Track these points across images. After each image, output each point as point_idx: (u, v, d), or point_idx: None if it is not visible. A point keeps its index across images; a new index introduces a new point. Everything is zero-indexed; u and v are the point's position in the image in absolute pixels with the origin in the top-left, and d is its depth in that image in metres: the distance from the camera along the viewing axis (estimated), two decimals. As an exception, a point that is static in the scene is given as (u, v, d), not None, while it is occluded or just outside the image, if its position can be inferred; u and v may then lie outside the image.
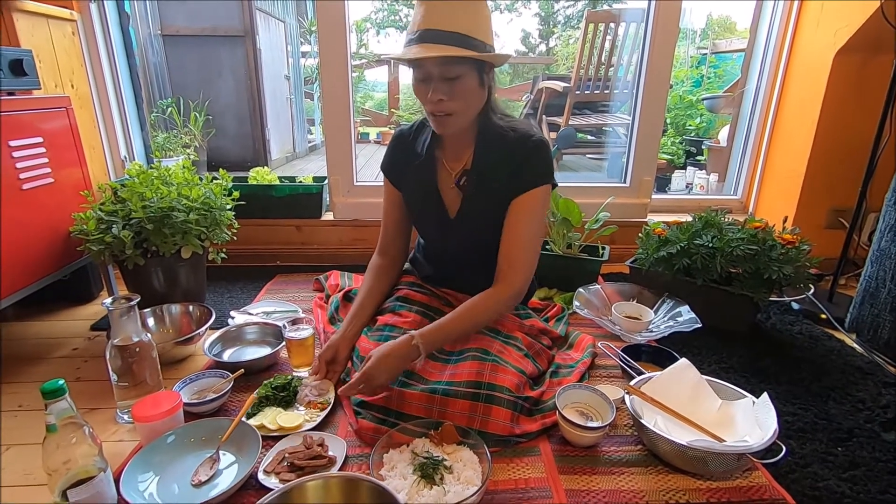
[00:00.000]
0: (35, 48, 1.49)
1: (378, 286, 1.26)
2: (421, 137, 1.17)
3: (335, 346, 1.14)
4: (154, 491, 0.84)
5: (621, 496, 0.85)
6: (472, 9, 0.95)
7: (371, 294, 1.24)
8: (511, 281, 1.07)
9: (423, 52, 0.92)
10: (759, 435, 0.89)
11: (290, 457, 0.90)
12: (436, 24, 0.93)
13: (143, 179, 1.39)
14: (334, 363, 1.13)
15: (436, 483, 0.81)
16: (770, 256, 1.34)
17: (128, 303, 1.00)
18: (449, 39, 0.92)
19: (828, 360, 1.30)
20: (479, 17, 0.95)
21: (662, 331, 1.34)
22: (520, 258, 1.08)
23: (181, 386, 1.10)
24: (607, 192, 1.94)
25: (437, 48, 0.92)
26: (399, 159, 1.20)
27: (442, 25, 0.93)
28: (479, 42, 0.95)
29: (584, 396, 1.04)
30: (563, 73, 4.87)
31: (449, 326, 1.04)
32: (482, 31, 0.96)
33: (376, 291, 1.25)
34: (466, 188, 1.11)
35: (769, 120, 1.99)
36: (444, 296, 1.23)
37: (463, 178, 1.12)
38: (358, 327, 1.18)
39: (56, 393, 0.72)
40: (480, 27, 0.96)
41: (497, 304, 1.07)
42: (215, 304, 1.56)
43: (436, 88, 0.96)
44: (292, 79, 4.55)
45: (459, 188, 1.12)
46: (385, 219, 1.27)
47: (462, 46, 0.93)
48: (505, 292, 1.08)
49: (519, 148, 1.07)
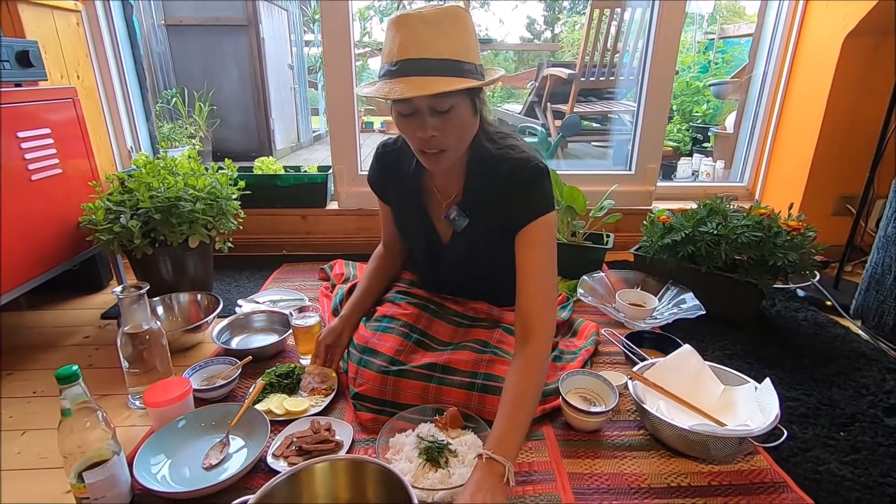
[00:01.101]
0: (40, 39, 1.50)
1: (382, 273, 1.26)
2: (405, 156, 1.07)
3: (337, 331, 1.15)
4: (166, 474, 0.87)
5: (624, 479, 0.87)
6: (458, 29, 0.81)
7: (374, 280, 1.24)
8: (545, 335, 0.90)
9: (413, 91, 0.78)
10: (761, 419, 0.90)
11: (298, 441, 0.92)
12: (421, 51, 0.80)
13: (150, 170, 1.41)
14: (335, 347, 1.14)
15: (441, 466, 0.83)
16: (775, 243, 1.33)
17: (137, 291, 1.02)
18: (439, 69, 0.80)
19: (832, 347, 1.30)
20: (466, 37, 0.83)
21: (666, 318, 1.34)
22: (541, 312, 0.91)
23: (191, 373, 1.12)
24: (612, 180, 1.93)
25: (427, 82, 0.79)
26: (385, 175, 1.13)
27: (429, 53, 0.80)
28: (471, 65, 0.83)
29: (587, 382, 1.05)
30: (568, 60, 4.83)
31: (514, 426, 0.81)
32: (472, 53, 0.84)
33: (380, 277, 1.25)
34: (456, 222, 1.03)
35: (776, 106, 1.97)
36: (447, 295, 1.23)
37: (453, 212, 1.03)
38: (361, 313, 1.19)
39: (70, 378, 0.73)
40: (469, 48, 0.83)
41: (538, 374, 0.87)
42: (222, 292, 1.58)
43: (426, 124, 0.84)
44: (296, 68, 4.53)
45: (450, 222, 1.05)
46: (383, 222, 1.24)
47: (454, 75, 0.80)
48: (543, 350, 0.90)
49: (512, 180, 0.94)
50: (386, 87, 0.81)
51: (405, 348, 1.05)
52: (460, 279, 1.19)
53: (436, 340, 1.10)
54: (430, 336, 1.11)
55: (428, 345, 1.09)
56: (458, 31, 0.82)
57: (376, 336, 1.08)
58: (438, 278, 1.21)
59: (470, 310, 1.20)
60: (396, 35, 0.82)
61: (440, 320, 1.15)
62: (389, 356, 1.02)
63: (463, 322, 1.17)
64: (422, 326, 1.11)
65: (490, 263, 1.10)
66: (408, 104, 0.84)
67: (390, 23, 0.84)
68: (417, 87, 0.79)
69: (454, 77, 0.81)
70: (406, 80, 0.80)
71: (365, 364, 1.03)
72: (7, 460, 0.94)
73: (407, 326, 1.10)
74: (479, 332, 1.12)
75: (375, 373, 1.00)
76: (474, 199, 1.01)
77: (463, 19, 0.84)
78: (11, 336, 1.37)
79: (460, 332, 1.14)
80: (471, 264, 1.12)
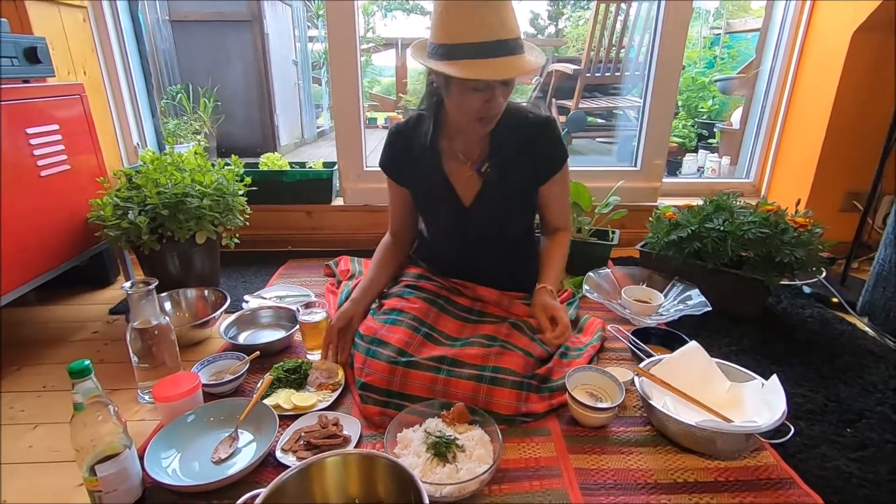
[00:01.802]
0: (47, 35, 1.50)
1: (389, 261, 1.28)
2: (421, 130, 1.15)
3: (349, 315, 1.17)
4: (177, 467, 0.88)
5: (630, 475, 0.87)
6: (512, 7, 0.92)
7: (383, 267, 1.26)
8: (569, 229, 1.26)
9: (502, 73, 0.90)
10: (767, 416, 0.90)
11: (306, 435, 0.93)
12: (494, 34, 0.89)
13: (157, 166, 1.41)
14: (346, 331, 1.16)
15: (448, 461, 0.83)
16: (782, 240, 1.33)
17: (146, 287, 1.02)
18: (511, 49, 0.91)
19: (839, 344, 1.30)
20: (515, 13, 0.93)
21: (672, 314, 1.34)
22: (565, 219, 1.24)
23: (199, 367, 1.13)
24: (618, 176, 1.93)
25: (512, 63, 0.90)
26: (400, 155, 1.19)
27: (502, 34, 0.89)
28: (523, 40, 0.94)
29: (593, 378, 1.05)
30: (572, 56, 4.80)
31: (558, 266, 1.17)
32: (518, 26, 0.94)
33: (387, 266, 1.27)
34: (490, 174, 1.12)
35: (783, 101, 1.96)
36: (455, 285, 1.24)
37: (485, 164, 1.12)
38: (370, 299, 1.21)
39: (83, 373, 0.74)
40: (519, 23, 0.94)
41: (565, 244, 1.22)
42: (229, 288, 1.59)
43: (495, 96, 0.95)
44: (300, 64, 4.53)
45: (481, 175, 1.13)
46: (392, 210, 1.29)
47: (522, 53, 0.92)
48: (569, 236, 1.25)
49: (536, 132, 1.10)
50: (479, 68, 0.90)
51: (414, 341, 1.06)
52: (481, 244, 1.21)
53: (444, 335, 1.11)
54: (438, 331, 1.11)
55: (436, 339, 1.10)
56: (513, 10, 0.92)
57: (385, 328, 1.08)
58: (459, 249, 1.23)
59: (477, 303, 1.21)
60: (464, 14, 0.89)
61: (448, 315, 1.16)
62: (398, 347, 1.03)
63: (470, 318, 1.18)
64: (430, 321, 1.12)
65: (510, 222, 1.19)
66: (480, 80, 0.92)
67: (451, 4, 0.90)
68: (511, 68, 0.90)
69: (526, 56, 0.92)
70: (492, 62, 0.89)
71: (373, 354, 1.03)
72: (19, 454, 0.96)
73: (416, 320, 1.10)
74: (486, 327, 1.13)
75: (384, 363, 1.01)
76: (503, 153, 1.11)
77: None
78: (21, 331, 1.39)
79: (468, 327, 1.15)
80: (492, 223, 1.18)
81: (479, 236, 1.20)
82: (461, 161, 1.14)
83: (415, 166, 1.17)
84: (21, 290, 1.23)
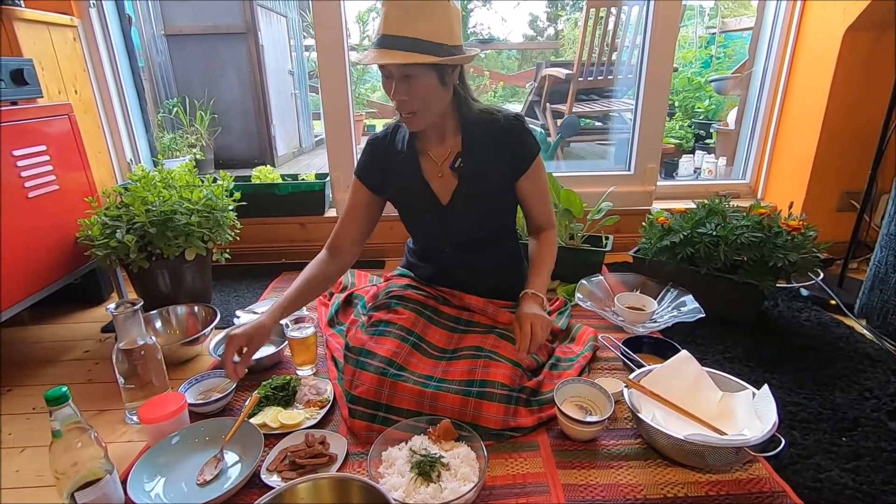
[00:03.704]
0: (37, 56, 1.52)
1: (318, 283, 1.18)
2: (399, 136, 1.18)
3: (248, 336, 1.03)
4: (160, 491, 0.87)
5: (619, 490, 0.86)
6: (429, 13, 0.96)
7: (307, 289, 1.15)
8: (554, 226, 1.25)
9: (378, 59, 0.96)
10: (758, 427, 0.88)
11: (291, 455, 0.92)
12: (392, 30, 0.96)
13: (146, 183, 1.41)
14: (246, 355, 1.04)
15: (432, 480, 0.82)
16: (775, 244, 1.31)
17: (131, 307, 1.02)
18: (402, 45, 0.95)
19: (835, 348, 1.28)
20: (436, 19, 0.96)
21: (666, 321, 1.32)
22: (548, 217, 1.23)
23: (187, 386, 1.12)
24: (611, 181, 1.92)
25: (389, 54, 0.95)
26: (377, 162, 1.19)
27: (397, 31, 0.95)
28: (436, 45, 0.96)
29: (582, 390, 1.04)
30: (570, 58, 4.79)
31: (544, 267, 1.17)
32: (441, 34, 0.96)
33: (313, 288, 1.17)
34: (463, 169, 1.13)
35: (777, 101, 1.95)
36: (442, 294, 1.23)
37: (458, 160, 1.13)
38: (278, 318, 1.09)
39: (59, 400, 0.74)
40: (439, 31, 0.96)
41: (552, 243, 1.22)
42: (222, 303, 1.59)
43: (396, 88, 1.00)
44: (296, 74, 4.54)
45: (454, 171, 1.14)
46: (343, 221, 1.21)
47: (414, 51, 0.95)
48: (554, 233, 1.24)
49: (506, 129, 1.12)
50: (368, 56, 0.99)
51: (402, 351, 1.06)
52: (462, 243, 1.20)
53: (432, 346, 1.11)
54: (426, 341, 1.11)
55: (424, 349, 1.09)
56: (429, 15, 0.96)
57: (373, 339, 1.08)
58: (443, 253, 1.23)
59: (465, 312, 1.20)
60: (382, 12, 0.98)
61: (435, 326, 1.16)
62: (387, 358, 1.03)
63: (458, 327, 1.17)
64: (418, 331, 1.12)
65: (488, 218, 1.19)
66: (384, 68, 1.00)
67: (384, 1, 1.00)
68: (380, 58, 0.96)
69: (415, 53, 0.95)
70: (378, 52, 0.97)
71: (362, 366, 1.03)
72: (6, 479, 0.95)
73: (404, 330, 1.10)
74: (473, 337, 1.12)
75: (373, 374, 1.01)
76: (474, 148, 1.13)
77: (438, 6, 0.97)
78: (14, 351, 1.39)
79: (455, 337, 1.15)
80: (470, 220, 1.17)
81: (460, 238, 1.19)
82: (434, 161, 1.15)
83: (395, 174, 1.17)
84: (12, 311, 1.23)
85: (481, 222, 1.18)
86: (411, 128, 1.09)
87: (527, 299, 1.10)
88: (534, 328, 1.03)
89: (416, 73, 0.97)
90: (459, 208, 1.15)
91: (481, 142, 1.12)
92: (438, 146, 1.15)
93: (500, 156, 1.13)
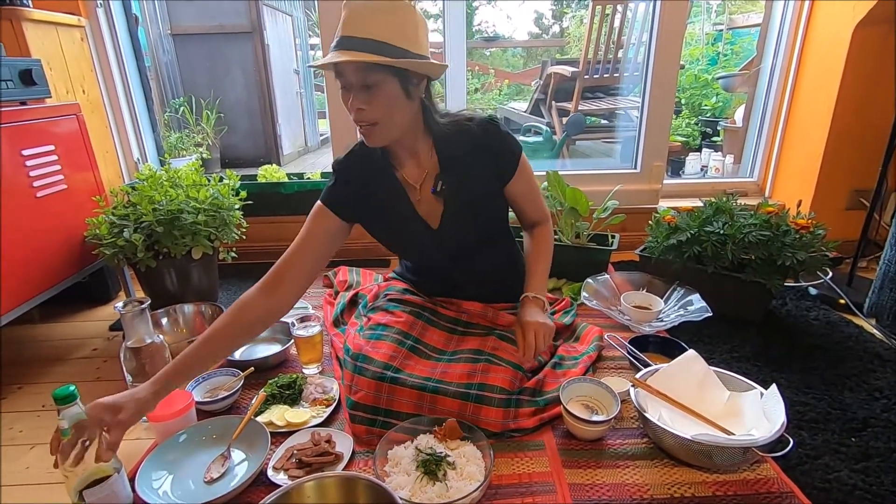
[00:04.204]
0: (45, 56, 1.53)
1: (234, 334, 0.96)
2: (372, 160, 1.08)
3: (118, 407, 0.79)
4: (168, 489, 0.87)
5: (625, 490, 0.85)
6: (392, 16, 0.90)
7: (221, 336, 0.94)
8: (548, 219, 1.21)
9: (335, 58, 0.88)
10: (766, 427, 0.88)
11: (298, 453, 0.92)
12: (352, 31, 0.89)
13: (153, 183, 1.42)
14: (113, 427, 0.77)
15: (438, 479, 0.82)
16: (783, 242, 1.30)
17: (139, 306, 1.03)
18: (362, 46, 0.88)
19: (845, 347, 1.27)
20: (400, 24, 0.90)
21: (673, 320, 1.32)
22: (542, 212, 1.20)
23: (194, 385, 1.13)
24: (617, 179, 1.91)
25: (348, 54, 0.88)
26: (350, 189, 1.07)
27: (358, 32, 0.89)
28: (400, 49, 0.90)
29: (589, 390, 1.04)
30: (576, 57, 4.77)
31: (541, 266, 1.15)
32: (405, 39, 0.91)
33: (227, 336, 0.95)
34: (446, 192, 1.06)
35: (786, 98, 1.93)
36: (440, 301, 1.22)
37: (439, 182, 1.06)
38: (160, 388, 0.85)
39: (67, 399, 0.74)
40: (402, 35, 0.90)
41: (548, 238, 1.19)
42: (228, 301, 1.58)
43: (355, 97, 0.92)
44: (302, 72, 4.56)
45: (438, 195, 1.07)
46: (298, 248, 1.04)
47: (376, 53, 0.88)
48: (550, 226, 1.21)
49: (481, 134, 1.04)
50: (327, 56, 0.91)
51: (399, 354, 1.05)
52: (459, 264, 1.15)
53: (430, 348, 1.10)
54: (423, 343, 1.10)
55: (422, 351, 1.08)
56: (392, 18, 0.90)
57: (370, 343, 1.07)
58: (439, 272, 1.20)
59: (464, 314, 1.19)
60: (342, 14, 0.92)
61: (434, 327, 1.15)
62: (383, 362, 1.02)
63: (457, 329, 1.16)
64: (416, 334, 1.11)
65: (484, 230, 1.15)
66: (342, 77, 0.93)
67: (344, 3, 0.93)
68: (339, 57, 0.88)
69: (374, 55, 0.88)
70: (338, 52, 0.89)
71: (360, 371, 1.02)
72: (16, 475, 0.96)
73: (401, 333, 1.09)
74: (473, 340, 1.11)
75: (370, 379, 1.00)
76: (452, 166, 1.07)
77: (402, 9, 0.91)
78: (23, 349, 1.40)
79: (454, 339, 1.14)
80: (464, 238, 1.12)
81: (456, 254, 1.14)
82: (413, 187, 1.08)
83: (375, 202, 1.08)
84: (20, 310, 1.25)
85: (475, 230, 1.12)
86: (371, 142, 0.99)
87: (528, 304, 1.08)
88: (537, 337, 1.01)
89: (377, 81, 0.90)
90: (452, 228, 1.09)
91: (459, 156, 1.05)
92: (414, 168, 1.07)
93: (482, 164, 1.06)
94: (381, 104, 0.93)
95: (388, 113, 0.94)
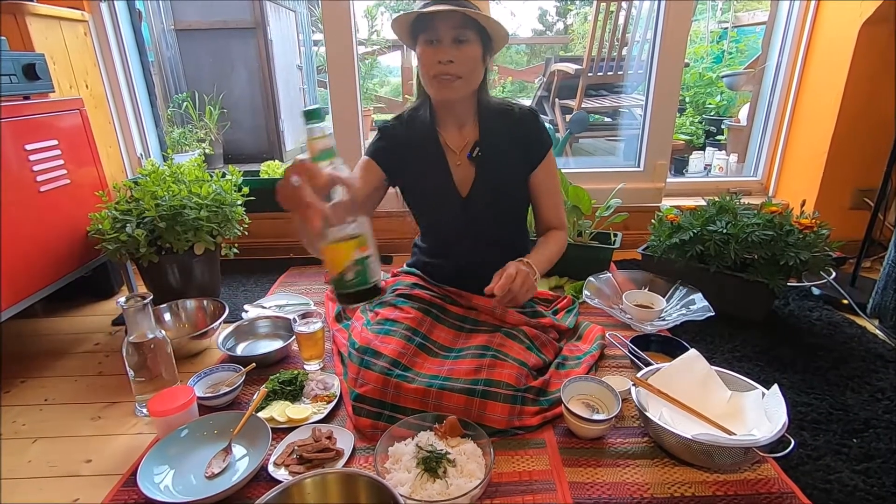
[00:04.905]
0: (49, 51, 1.53)
1: None
2: (416, 123, 1.16)
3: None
4: (169, 483, 0.88)
5: (626, 489, 0.85)
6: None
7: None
8: (564, 227, 1.25)
9: (443, 6, 0.97)
10: (767, 427, 0.87)
11: (299, 449, 0.92)
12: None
13: (155, 178, 1.42)
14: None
15: (439, 477, 0.83)
16: (787, 242, 1.30)
17: (141, 301, 1.03)
18: (459, 5, 0.98)
19: (847, 348, 1.26)
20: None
21: (675, 319, 1.31)
22: (560, 217, 1.24)
23: (196, 380, 1.13)
24: (620, 177, 1.90)
25: (455, 4, 0.97)
26: (392, 147, 1.15)
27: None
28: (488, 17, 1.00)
29: (590, 388, 1.03)
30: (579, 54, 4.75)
31: (545, 251, 1.17)
32: (487, 10, 1.02)
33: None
34: (480, 159, 1.14)
35: (791, 97, 1.92)
36: (449, 294, 1.23)
37: (475, 149, 1.14)
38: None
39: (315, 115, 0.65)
40: (486, 6, 1.02)
41: (565, 240, 1.24)
42: (230, 297, 1.60)
43: (445, 50, 1.00)
44: (305, 68, 4.55)
45: (472, 160, 1.14)
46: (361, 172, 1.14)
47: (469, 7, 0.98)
48: (565, 235, 1.25)
49: (521, 120, 1.14)
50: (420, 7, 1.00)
51: (408, 351, 1.05)
52: (477, 236, 1.19)
53: (438, 345, 1.10)
54: (431, 340, 1.11)
55: (430, 349, 1.09)
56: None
57: (379, 338, 1.08)
58: (454, 249, 1.22)
59: (472, 311, 1.20)
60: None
61: (442, 325, 1.15)
62: (392, 358, 1.03)
63: (465, 326, 1.17)
64: (424, 330, 1.11)
65: (505, 209, 1.19)
66: (432, 31, 1.01)
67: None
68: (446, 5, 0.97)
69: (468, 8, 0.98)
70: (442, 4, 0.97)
71: (367, 365, 1.03)
72: (18, 469, 0.97)
73: (409, 330, 1.10)
74: (480, 336, 1.12)
75: (378, 374, 1.00)
76: (492, 137, 1.14)
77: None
78: (26, 343, 1.41)
79: (462, 336, 1.14)
80: (488, 212, 1.16)
81: (478, 231, 1.18)
82: (452, 151, 1.16)
83: (415, 161, 1.16)
84: (22, 304, 1.25)
85: (500, 216, 1.19)
86: (445, 93, 1.06)
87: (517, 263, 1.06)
88: (516, 280, 1.00)
89: (469, 39, 1.01)
90: (479, 200, 1.15)
91: (497, 131, 1.14)
92: (456, 134, 1.16)
93: (515, 147, 1.14)
94: (468, 61, 1.02)
95: (470, 71, 1.04)
